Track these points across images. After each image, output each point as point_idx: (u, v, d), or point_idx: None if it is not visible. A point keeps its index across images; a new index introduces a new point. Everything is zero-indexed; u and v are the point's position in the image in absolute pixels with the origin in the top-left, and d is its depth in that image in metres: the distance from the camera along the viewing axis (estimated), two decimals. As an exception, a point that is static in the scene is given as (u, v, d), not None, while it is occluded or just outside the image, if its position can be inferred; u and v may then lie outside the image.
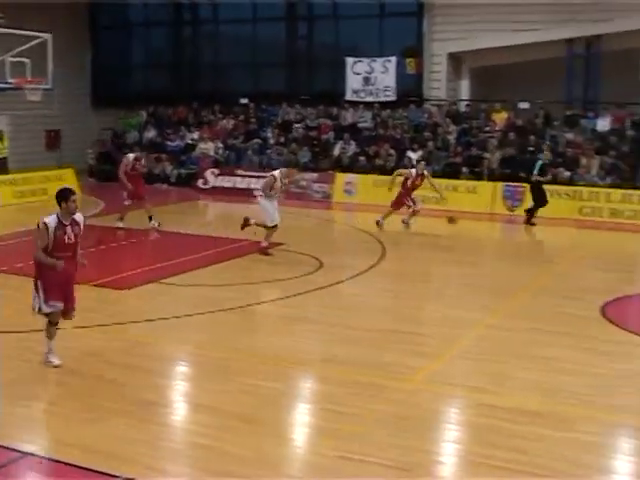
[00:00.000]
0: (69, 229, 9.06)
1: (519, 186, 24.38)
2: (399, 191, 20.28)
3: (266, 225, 16.62)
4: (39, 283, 9.09)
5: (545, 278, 15.17)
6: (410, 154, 26.80)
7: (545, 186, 22.09)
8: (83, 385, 8.68)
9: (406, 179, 20.25)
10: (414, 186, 20.25)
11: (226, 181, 28.30)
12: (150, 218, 19.31)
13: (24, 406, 8.03)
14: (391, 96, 28.63)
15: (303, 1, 32.03)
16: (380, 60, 28.67)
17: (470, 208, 23.55)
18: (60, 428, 7.60)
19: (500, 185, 24.72)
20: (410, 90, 29.67)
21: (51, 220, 9.00)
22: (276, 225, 16.61)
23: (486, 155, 26.19)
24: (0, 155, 28.65)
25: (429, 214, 21.98)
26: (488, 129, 27.64)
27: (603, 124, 26.61)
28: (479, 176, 25.69)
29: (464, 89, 30.62)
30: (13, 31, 22.29)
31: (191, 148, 30.71)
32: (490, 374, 9.31)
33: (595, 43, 27.85)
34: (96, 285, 13.01)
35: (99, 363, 9.34)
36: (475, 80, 30.35)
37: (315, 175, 26.91)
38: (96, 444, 7.11)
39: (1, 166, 28.00)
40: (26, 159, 28.99)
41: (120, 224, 19.18)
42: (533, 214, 22.09)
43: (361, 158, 27.44)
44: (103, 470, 6.55)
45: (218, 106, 32.23)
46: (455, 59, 30.22)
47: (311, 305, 12.84)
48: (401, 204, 20.14)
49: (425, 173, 20.53)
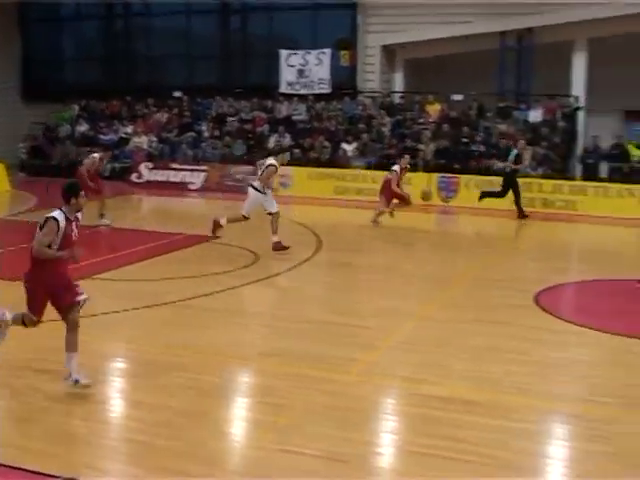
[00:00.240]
0: (74, 225, 8.51)
1: (453, 177, 24.64)
2: (388, 190, 20.14)
3: (240, 216, 16.23)
4: (27, 292, 8.39)
5: (480, 268, 15.33)
6: (344, 146, 26.88)
7: (487, 177, 22.30)
8: (18, 383, 8.52)
9: (390, 179, 20.17)
10: (399, 182, 20.24)
11: (160, 175, 28.12)
12: (102, 215, 19.01)
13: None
14: (325, 88, 28.69)
15: (237, -7, 31.95)
16: (314, 52, 28.71)
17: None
18: (-7, 428, 7.47)
19: (435, 176, 24.93)
20: (344, 82, 29.77)
21: (59, 216, 8.34)
22: (248, 218, 16.17)
23: (420, 146, 26.39)
24: None
25: (363, 206, 22.09)
26: (422, 121, 27.88)
27: (535, 115, 27.02)
28: (414, 167, 25.84)
29: (398, 81, 30.80)
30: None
31: (125, 142, 30.41)
32: (426, 364, 9.36)
33: (527, 36, 28.23)
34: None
35: (33, 361, 9.17)
36: (409, 72, 30.55)
37: (250, 168, 26.81)
38: (33, 444, 6.98)
39: None
40: (-46, 154, 28.45)
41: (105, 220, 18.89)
42: (520, 207, 22.20)
43: (296, 150, 27.43)
44: (42, 471, 6.43)
45: (152, 99, 31.99)
46: (389, 51, 30.38)
47: (248, 298, 12.80)
48: (390, 199, 20.07)
49: (408, 166, 20.62)
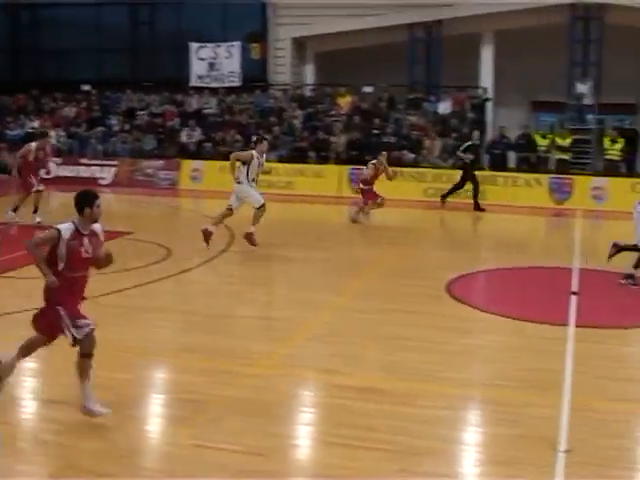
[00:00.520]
0: (86, 240, 7.44)
1: (365, 169, 24.77)
2: (361, 188, 20.09)
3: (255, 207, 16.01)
4: (59, 307, 7.34)
5: (391, 259, 15.50)
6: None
7: (397, 169, 22.50)
8: None
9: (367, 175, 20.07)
10: (376, 177, 20.07)
11: (69, 170, 27.63)
12: (35, 210, 18.53)
13: None
14: (236, 81, 28.60)
15: (145, -15, 31.62)
16: (224, 45, 28.57)
17: (317, 192, 23.86)
18: None
19: (346, 168, 25.08)
20: (255, 75, 29.74)
21: (66, 229, 7.31)
22: (264, 204, 16.07)
23: (332, 139, 26.51)
24: None
25: (274, 199, 22.08)
26: (333, 113, 28.01)
27: (444, 107, 27.37)
28: (326, 160, 25.98)
29: (309, 74, 30.92)
30: None
31: (32, 137, 29.81)
32: (340, 355, 9.44)
33: (436, 28, 28.57)
34: None
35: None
36: (320, 64, 30.68)
37: (161, 162, 26.63)
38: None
39: None
40: None
41: (37, 219, 18.33)
42: (476, 199, 22.39)
43: (207, 144, 27.31)
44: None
45: (59, 93, 31.39)
46: (299, 44, 30.46)
47: (161, 294, 12.72)
48: (373, 196, 19.86)
49: (385, 165, 20.25)
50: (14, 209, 18.56)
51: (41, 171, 18.76)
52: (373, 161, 20.12)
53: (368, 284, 13.37)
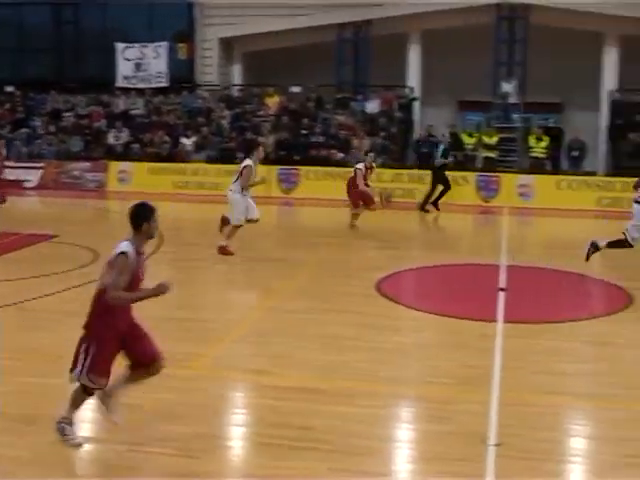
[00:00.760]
0: (142, 260, 6.89)
1: (294, 169, 24.82)
2: (353, 190, 18.88)
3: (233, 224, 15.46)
4: (91, 347, 6.75)
5: (322, 259, 15.51)
6: (184, 140, 26.66)
7: (326, 168, 22.52)
8: None
9: (355, 177, 18.86)
10: (365, 180, 18.86)
11: (-7, 173, 27.07)
12: None
13: None
14: (163, 82, 28.33)
15: (69, -16, 31.14)
16: (151, 45, 28.27)
17: (247, 192, 23.73)
18: None
19: (275, 168, 25.04)
20: (182, 75, 29.52)
21: (129, 249, 6.72)
22: (241, 225, 15.46)
23: (260, 139, 26.43)
24: None
25: (203, 200, 22.01)
26: (261, 113, 27.95)
27: (372, 106, 27.50)
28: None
29: (236, 74, 30.82)
30: None
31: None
32: (272, 355, 9.41)
33: (365, 27, 28.68)
34: None
35: None
36: (247, 65, 30.60)
37: (88, 164, 26.28)
38: None
39: None
40: None
41: None
42: (427, 199, 22.41)
43: (135, 146, 27.02)
44: None
45: (-19, 95, 30.77)
46: (227, 44, 30.34)
47: (87, 298, 12.48)
48: (358, 202, 18.84)
49: (374, 165, 19.50)
50: None
51: None
52: (359, 165, 19.08)
53: (299, 284, 13.36)
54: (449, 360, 9.40)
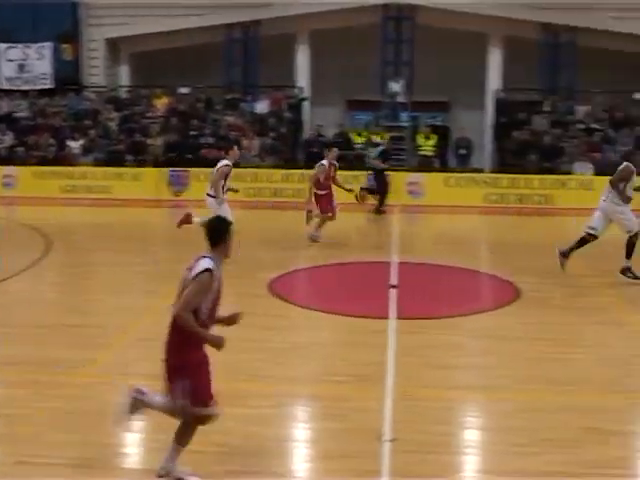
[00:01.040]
0: (221, 279, 6.45)
1: (184, 171, 24.61)
2: (315, 193, 17.07)
3: None
4: (187, 380, 6.29)
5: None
6: (70, 143, 26.14)
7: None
8: None
9: (317, 178, 17.07)
10: (330, 179, 17.20)
11: None
12: None
13: None
14: (48, 83, 27.73)
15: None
16: (35, 46, 27.65)
17: (136, 195, 23.47)
18: None
19: (165, 171, 24.80)
20: (68, 77, 28.85)
21: (212, 266, 6.27)
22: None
23: (149, 141, 26.14)
24: None
25: (92, 204, 21.64)
26: (150, 115, 27.60)
27: (262, 107, 27.48)
28: (143, 163, 25.59)
29: (124, 75, 30.34)
30: None
31: None
32: (166, 359, 9.29)
33: (253, 28, 28.60)
34: None
35: None
36: (135, 65, 30.18)
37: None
38: None
39: None
40: None
41: None
42: (382, 201, 22.26)
43: (20, 149, 26.34)
44: None
45: None
46: (113, 44, 29.84)
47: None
48: (329, 207, 17.05)
49: (336, 163, 17.58)
50: None
51: None
52: (323, 161, 17.30)
53: (192, 286, 13.22)
54: (343, 358, 9.46)
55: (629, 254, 13.41)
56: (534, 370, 9.12)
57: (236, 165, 24.54)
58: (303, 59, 28.97)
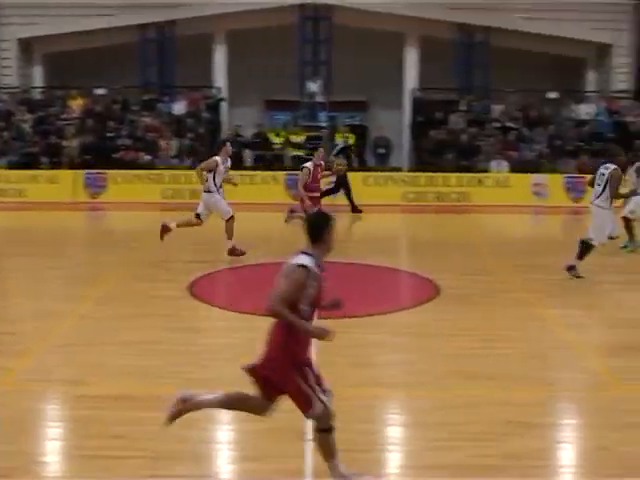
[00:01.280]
0: (322, 277, 6.31)
1: (101, 173, 24.31)
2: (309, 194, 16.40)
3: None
4: (299, 384, 6.12)
5: (132, 263, 15.23)
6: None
7: (135, 171, 22.06)
8: None
9: (304, 182, 16.54)
10: (317, 181, 16.73)
11: None
12: None
13: None
14: (-43, 85, 27.15)
15: None
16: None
17: (52, 198, 23.10)
18: None
19: (81, 173, 24.47)
20: (-22, 79, 28.29)
21: (310, 263, 6.19)
22: (233, 216, 15.38)
23: (65, 143, 25.74)
24: None
25: (6, 207, 21.25)
26: (65, 116, 27.16)
27: (179, 107, 27.32)
28: (59, 165, 25.20)
29: (37, 76, 29.79)
30: None
31: None
32: (86, 365, 9.17)
33: (169, 28, 28.37)
34: None
35: None
36: (49, 66, 29.67)
37: None
38: None
39: None
40: None
41: None
42: (352, 201, 22.03)
43: None
44: None
45: None
46: (26, 44, 29.29)
47: None
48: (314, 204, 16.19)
49: (322, 163, 17.03)
50: None
51: None
52: (306, 164, 16.84)
53: (110, 290, 13.07)
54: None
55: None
56: (454, 366, 9.23)
57: (153, 167, 24.53)
58: (221, 59, 28.86)
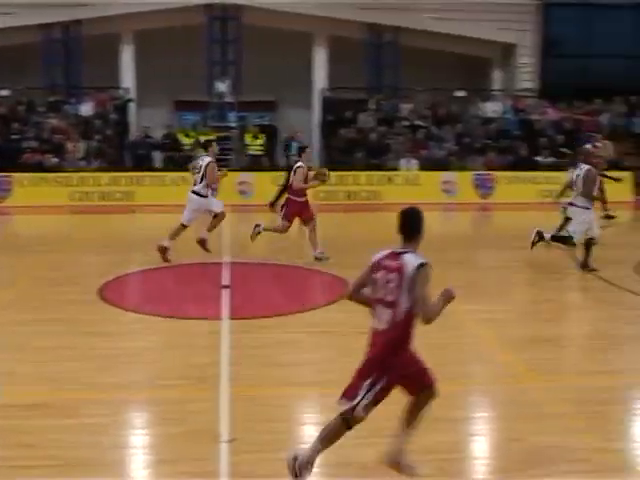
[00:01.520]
0: None
1: (5, 176, 23.84)
2: (292, 200, 15.39)
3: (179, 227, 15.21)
4: (378, 383, 6.20)
5: (39, 267, 14.91)
6: None
7: (41, 174, 21.74)
8: None
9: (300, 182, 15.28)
10: (306, 182, 15.48)
11: None
12: None
13: None
14: None
15: None
16: None
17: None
18: None
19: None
20: None
21: (422, 258, 6.15)
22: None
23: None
24: None
25: None
26: (-33, 119, 26.53)
27: (86, 109, 26.92)
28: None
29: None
30: None
31: None
32: (-6, 372, 8.96)
33: (74, 28, 27.91)
34: None
35: None
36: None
37: None
38: None
39: None
40: None
41: None
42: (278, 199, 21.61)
43: None
44: None
45: None
46: None
47: None
48: (294, 216, 15.39)
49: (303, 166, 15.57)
50: None
51: None
52: (299, 164, 15.53)
53: (18, 295, 12.78)
54: (177, 361, 9.36)
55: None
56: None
57: (60, 169, 24.09)
58: (128, 60, 28.54)
